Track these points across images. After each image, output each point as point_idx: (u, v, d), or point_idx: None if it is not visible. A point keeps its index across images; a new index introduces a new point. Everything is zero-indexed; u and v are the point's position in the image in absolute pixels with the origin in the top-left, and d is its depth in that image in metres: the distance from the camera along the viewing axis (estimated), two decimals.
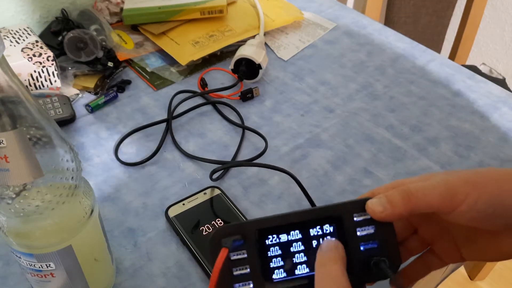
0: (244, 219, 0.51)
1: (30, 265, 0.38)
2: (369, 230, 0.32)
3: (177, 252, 0.49)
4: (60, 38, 0.71)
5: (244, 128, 0.63)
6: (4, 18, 0.74)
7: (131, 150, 0.60)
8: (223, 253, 0.30)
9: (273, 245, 0.32)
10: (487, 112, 0.67)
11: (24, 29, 0.68)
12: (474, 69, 1.25)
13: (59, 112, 0.62)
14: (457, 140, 0.62)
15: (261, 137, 0.61)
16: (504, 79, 1.44)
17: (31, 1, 0.75)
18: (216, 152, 0.60)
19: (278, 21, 0.81)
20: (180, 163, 0.59)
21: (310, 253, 0.32)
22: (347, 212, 0.32)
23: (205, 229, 0.50)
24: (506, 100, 0.69)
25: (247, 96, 0.67)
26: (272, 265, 0.32)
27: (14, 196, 0.33)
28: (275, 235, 0.31)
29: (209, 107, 0.67)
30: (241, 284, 0.31)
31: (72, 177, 0.35)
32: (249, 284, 0.31)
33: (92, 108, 0.65)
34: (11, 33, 0.67)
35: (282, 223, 0.32)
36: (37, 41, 0.66)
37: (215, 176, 0.56)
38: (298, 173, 0.57)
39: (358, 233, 0.32)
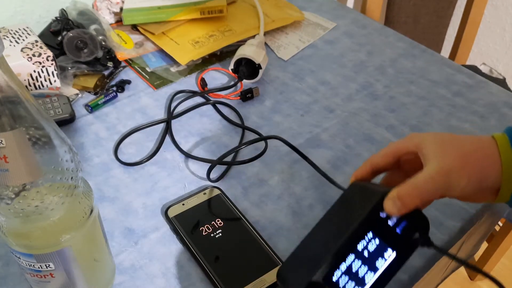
0: (244, 219, 0.51)
1: (29, 266, 0.38)
2: (396, 216, 0.37)
3: (177, 252, 0.49)
4: (59, 38, 0.71)
5: (244, 128, 0.63)
6: (3, 18, 0.74)
7: (131, 150, 0.60)
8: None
9: (340, 276, 0.36)
10: (487, 112, 0.67)
11: (24, 29, 0.68)
12: (474, 69, 1.25)
13: (59, 112, 0.61)
14: None
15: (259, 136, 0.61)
16: (504, 79, 1.44)
17: (30, 1, 0.75)
18: (216, 152, 0.60)
19: (278, 21, 0.81)
20: (180, 163, 0.58)
21: (368, 261, 0.37)
22: (375, 216, 0.37)
23: (205, 229, 0.50)
24: (507, 100, 0.69)
25: (247, 96, 0.67)
26: None
27: (13, 196, 0.33)
28: (336, 270, 0.36)
29: (209, 107, 0.67)
30: None
31: (72, 177, 0.35)
32: None
33: (92, 108, 0.65)
34: (10, 33, 0.67)
35: (335, 260, 0.36)
36: (36, 41, 0.66)
37: (213, 176, 0.56)
38: (298, 173, 0.57)
39: (390, 223, 0.37)
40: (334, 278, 0.36)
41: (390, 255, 0.37)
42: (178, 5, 0.77)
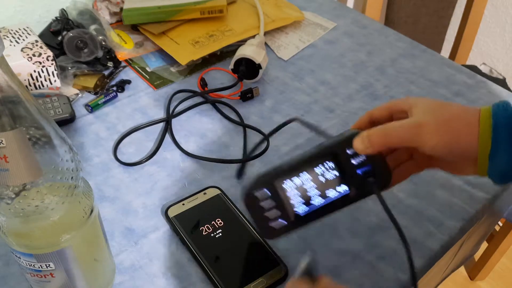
0: (244, 219, 0.51)
1: (29, 265, 0.38)
2: (362, 157, 0.40)
3: (177, 252, 0.49)
4: (59, 38, 0.71)
5: (244, 126, 0.63)
6: (3, 18, 0.74)
7: (131, 150, 0.60)
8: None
9: (290, 187, 0.39)
10: None
11: (24, 29, 0.68)
12: (474, 69, 1.25)
13: (59, 112, 0.61)
14: None
15: (262, 135, 0.61)
16: (504, 79, 1.44)
17: (30, 0, 0.75)
18: (216, 152, 0.60)
19: (278, 21, 0.81)
20: (180, 163, 0.58)
21: (320, 187, 0.40)
22: (341, 148, 0.40)
23: (205, 229, 0.50)
24: (507, 100, 0.69)
25: (247, 96, 0.67)
26: (293, 202, 0.40)
27: (13, 196, 0.33)
28: (289, 180, 0.39)
29: (209, 107, 0.67)
30: (274, 221, 0.40)
31: (72, 177, 0.35)
32: (279, 220, 0.40)
33: (92, 108, 0.65)
34: (10, 33, 0.67)
35: (293, 170, 0.39)
36: (36, 41, 0.66)
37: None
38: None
39: (353, 162, 0.40)
40: (285, 185, 0.39)
41: (343, 190, 0.40)
42: (178, 5, 0.77)
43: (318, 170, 0.39)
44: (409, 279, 0.48)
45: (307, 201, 0.40)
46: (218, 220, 0.51)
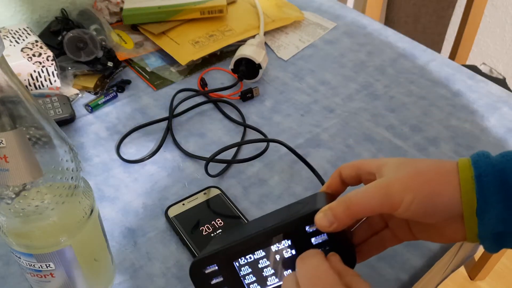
0: (244, 219, 0.51)
1: (29, 265, 0.38)
2: (323, 237, 0.35)
3: (177, 252, 0.49)
4: (59, 38, 0.71)
5: (245, 126, 0.63)
6: (3, 18, 0.74)
7: (131, 150, 0.60)
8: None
9: (243, 265, 0.36)
10: (487, 112, 0.67)
11: (24, 29, 0.68)
12: (474, 69, 1.25)
13: (59, 112, 0.61)
14: (457, 140, 0.62)
15: (262, 135, 0.61)
16: (504, 79, 1.44)
17: (30, 1, 0.75)
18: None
19: (278, 21, 0.81)
20: (180, 163, 0.58)
21: (276, 266, 0.36)
22: (300, 226, 0.35)
23: (205, 229, 0.50)
24: (507, 100, 0.69)
25: (247, 96, 0.67)
26: (246, 281, 0.36)
27: (13, 196, 0.33)
28: (242, 258, 0.36)
29: (209, 107, 0.67)
30: None
31: (72, 177, 0.35)
32: None
33: (92, 108, 0.65)
34: (10, 33, 0.67)
35: (245, 247, 0.36)
36: (36, 41, 0.66)
37: (213, 173, 0.56)
38: (298, 173, 0.57)
39: (314, 241, 0.35)
40: (237, 263, 0.36)
41: None
42: (178, 5, 0.77)
43: (274, 248, 0.36)
44: (409, 279, 0.48)
45: (262, 281, 0.36)
46: (218, 220, 0.51)
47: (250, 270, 0.36)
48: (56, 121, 0.35)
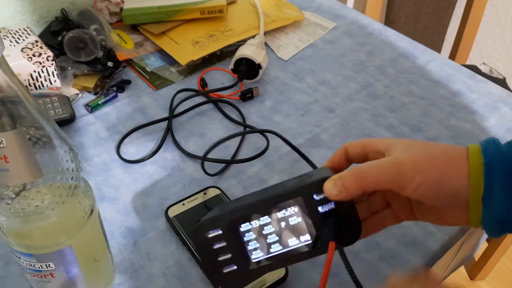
0: None
1: (29, 265, 0.38)
2: (330, 205, 0.35)
3: (177, 252, 0.49)
4: (59, 38, 0.71)
5: (245, 126, 0.63)
6: (3, 18, 0.74)
7: (131, 150, 0.60)
8: (332, 246, 0.34)
9: (248, 231, 0.36)
10: (487, 112, 0.67)
11: (24, 29, 0.68)
12: (474, 69, 1.25)
13: (59, 112, 0.61)
14: (457, 140, 0.62)
15: (262, 135, 0.61)
16: (504, 79, 1.44)
17: (30, 1, 0.75)
18: (216, 152, 0.60)
19: (278, 21, 0.81)
20: (180, 163, 0.58)
21: (280, 233, 0.36)
22: (308, 193, 0.35)
23: None
24: (506, 100, 0.69)
25: (247, 96, 0.67)
26: (249, 247, 0.36)
27: (13, 196, 0.33)
28: (247, 223, 0.36)
29: (209, 107, 0.67)
30: (226, 267, 0.36)
31: (72, 177, 0.35)
32: (233, 266, 0.36)
33: (92, 108, 0.65)
34: (10, 33, 0.67)
35: (251, 212, 0.36)
36: (36, 41, 0.66)
37: (212, 171, 0.56)
38: (298, 173, 0.57)
39: (320, 210, 0.35)
40: (242, 229, 0.35)
41: (306, 240, 0.36)
42: (178, 5, 0.77)
43: (280, 214, 0.35)
44: None
45: (265, 248, 0.36)
46: None
47: (254, 236, 0.36)
48: (56, 121, 0.35)
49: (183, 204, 0.52)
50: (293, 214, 0.35)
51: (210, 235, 0.36)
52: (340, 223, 0.35)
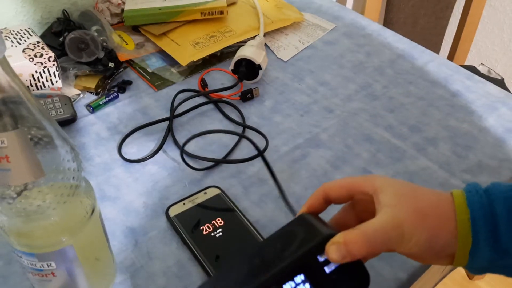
0: (245, 219, 0.51)
1: (31, 265, 0.38)
2: (336, 264, 0.34)
3: (177, 251, 0.49)
4: (61, 38, 0.71)
5: (244, 126, 0.63)
6: (5, 19, 0.74)
7: (132, 150, 0.60)
8: None
9: None
10: (485, 112, 0.67)
11: (25, 30, 0.69)
12: (472, 69, 1.26)
13: (60, 112, 0.62)
14: (455, 140, 0.63)
15: (262, 136, 0.61)
16: (502, 80, 1.44)
17: (32, 1, 0.75)
18: (216, 152, 0.60)
19: (278, 22, 0.81)
20: (180, 162, 0.59)
21: None
22: (311, 258, 0.33)
23: (206, 228, 0.50)
24: (505, 100, 0.69)
25: (247, 96, 0.67)
26: None
27: (15, 196, 0.33)
28: None
29: (209, 108, 0.67)
30: None
31: (73, 177, 0.36)
32: None
33: (93, 109, 0.65)
34: (12, 34, 0.67)
35: None
36: (38, 42, 0.66)
37: (208, 172, 0.56)
38: (297, 173, 0.58)
39: (327, 270, 0.34)
40: None
41: None
42: (179, 6, 0.77)
43: (287, 286, 0.33)
44: (407, 278, 0.48)
45: None
46: (219, 220, 0.51)
47: None
48: (57, 121, 0.35)
49: (184, 204, 0.53)
50: (301, 282, 0.33)
51: None
52: (348, 278, 0.34)
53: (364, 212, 0.38)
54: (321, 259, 0.33)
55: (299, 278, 0.33)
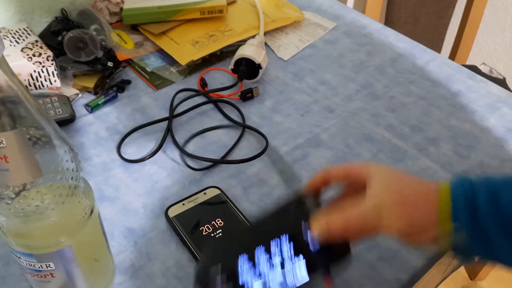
0: (245, 220, 0.51)
1: (29, 265, 0.38)
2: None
3: (177, 252, 0.49)
4: (59, 38, 0.71)
5: (244, 126, 0.63)
6: (3, 18, 0.74)
7: (131, 150, 0.60)
8: (327, 280, 0.37)
9: (245, 274, 0.37)
10: (487, 112, 0.67)
11: (24, 29, 0.68)
12: (474, 69, 1.25)
13: (59, 112, 0.61)
14: (457, 140, 0.62)
15: (261, 136, 0.61)
16: (504, 79, 1.44)
17: (30, 1, 0.75)
18: (216, 152, 0.60)
19: (278, 21, 0.81)
20: (180, 163, 0.58)
21: (279, 271, 0.37)
22: (299, 229, 0.38)
23: (205, 229, 0.50)
24: (506, 100, 0.69)
25: (247, 96, 0.67)
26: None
27: (13, 196, 0.33)
28: (244, 266, 0.37)
29: (209, 107, 0.67)
30: None
31: (72, 177, 0.35)
32: None
33: (92, 108, 0.65)
34: (10, 33, 0.67)
35: (247, 254, 0.37)
36: (36, 41, 0.66)
37: (207, 172, 0.56)
38: (298, 173, 0.57)
39: (311, 245, 0.38)
40: (240, 274, 0.37)
41: (302, 277, 0.37)
42: (178, 5, 0.77)
43: (275, 251, 0.38)
44: (409, 279, 0.48)
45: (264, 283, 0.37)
46: (218, 220, 0.51)
47: (253, 276, 0.37)
48: (56, 121, 0.35)
49: (183, 204, 0.52)
50: (287, 250, 0.37)
51: (211, 284, 0.37)
52: (331, 253, 0.38)
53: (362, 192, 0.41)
54: (308, 233, 0.38)
55: (286, 245, 0.37)
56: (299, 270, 0.37)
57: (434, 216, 0.35)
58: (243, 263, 0.37)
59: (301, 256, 0.37)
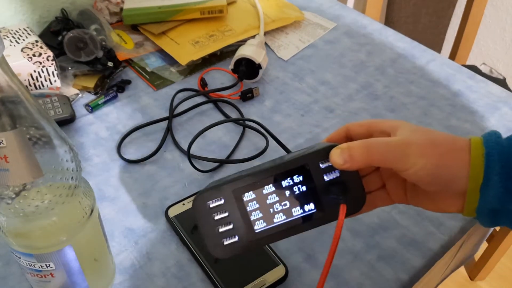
0: None
1: (30, 265, 0.38)
2: (335, 174, 0.36)
3: (176, 252, 0.49)
4: (60, 38, 0.71)
5: (244, 126, 0.63)
6: (3, 18, 0.74)
7: (131, 150, 0.60)
8: (343, 210, 0.34)
9: (251, 200, 0.35)
10: (487, 112, 0.67)
11: (24, 29, 0.68)
12: (474, 69, 1.25)
13: (59, 112, 0.61)
14: None
15: (262, 135, 0.61)
16: (504, 79, 1.44)
17: (31, 0, 0.75)
18: (216, 152, 0.60)
19: (278, 21, 0.81)
20: (180, 163, 0.58)
21: (285, 202, 0.35)
22: (314, 161, 0.35)
23: None
24: (507, 100, 0.69)
25: (247, 96, 0.67)
26: (252, 218, 0.35)
27: (13, 196, 0.33)
28: (251, 192, 0.35)
29: (209, 107, 0.67)
30: (228, 238, 0.35)
31: (72, 177, 0.35)
32: (234, 237, 0.35)
33: (92, 108, 0.65)
34: (11, 33, 0.67)
35: (255, 181, 0.35)
36: (37, 41, 0.66)
37: (211, 172, 0.56)
38: None
39: (326, 178, 0.35)
40: (245, 198, 0.35)
41: (310, 210, 0.35)
42: (178, 5, 0.77)
43: (285, 183, 0.35)
44: (409, 279, 0.48)
45: (269, 218, 0.35)
46: None
47: (257, 205, 0.35)
48: (56, 121, 0.35)
49: (183, 204, 0.52)
50: (298, 183, 0.35)
51: (211, 205, 0.35)
52: (345, 191, 0.35)
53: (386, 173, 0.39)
54: (322, 166, 0.35)
55: (297, 178, 0.35)
56: (308, 199, 0.35)
57: (465, 163, 0.33)
58: (247, 193, 0.35)
59: (312, 187, 0.35)
